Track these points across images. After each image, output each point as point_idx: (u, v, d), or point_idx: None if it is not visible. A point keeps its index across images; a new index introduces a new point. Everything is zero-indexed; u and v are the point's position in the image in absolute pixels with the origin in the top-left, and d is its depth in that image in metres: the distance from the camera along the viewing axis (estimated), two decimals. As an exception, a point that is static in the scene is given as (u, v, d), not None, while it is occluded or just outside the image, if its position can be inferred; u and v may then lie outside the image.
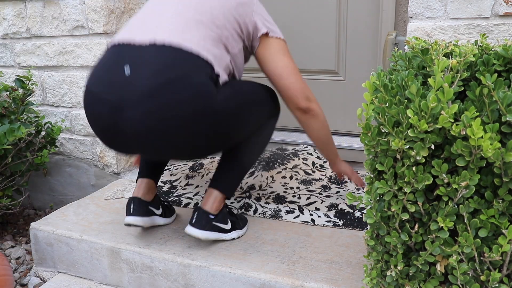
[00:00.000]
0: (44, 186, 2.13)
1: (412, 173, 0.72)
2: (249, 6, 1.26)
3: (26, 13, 1.93)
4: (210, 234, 1.26)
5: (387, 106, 0.73)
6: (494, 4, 1.27)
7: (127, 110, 1.07)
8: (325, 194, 1.55)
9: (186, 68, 1.09)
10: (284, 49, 1.30)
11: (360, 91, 1.88)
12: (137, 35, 1.15)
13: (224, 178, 1.30)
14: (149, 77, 1.06)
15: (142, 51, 1.11)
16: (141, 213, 1.31)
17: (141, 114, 1.06)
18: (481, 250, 0.71)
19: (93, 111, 1.13)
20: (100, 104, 1.11)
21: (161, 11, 1.19)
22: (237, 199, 1.57)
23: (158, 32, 1.13)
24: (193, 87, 1.08)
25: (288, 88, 1.27)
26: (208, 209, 1.27)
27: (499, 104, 0.67)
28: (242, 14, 1.24)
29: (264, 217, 1.47)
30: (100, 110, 1.11)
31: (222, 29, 1.19)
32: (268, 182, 1.63)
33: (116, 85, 1.08)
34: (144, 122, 1.07)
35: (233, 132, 1.20)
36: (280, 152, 1.85)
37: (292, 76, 1.27)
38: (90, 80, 1.16)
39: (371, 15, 1.79)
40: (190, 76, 1.08)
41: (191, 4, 1.20)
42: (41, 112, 2.03)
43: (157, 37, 1.12)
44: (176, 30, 1.14)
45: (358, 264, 1.19)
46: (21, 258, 1.69)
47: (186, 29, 1.14)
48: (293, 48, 1.96)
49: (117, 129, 1.10)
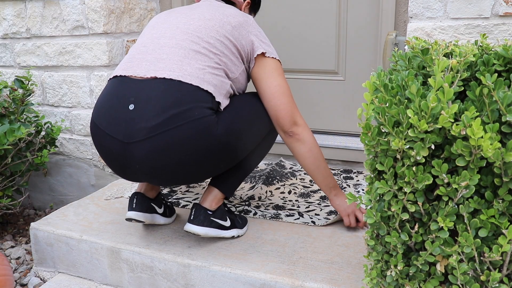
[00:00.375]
0: (44, 186, 2.13)
1: (412, 173, 0.72)
2: (244, 28, 1.27)
3: (26, 13, 1.93)
4: (209, 230, 1.26)
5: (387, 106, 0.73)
6: (494, 4, 1.27)
7: (133, 147, 1.12)
8: (324, 204, 1.56)
9: (188, 104, 1.12)
10: (279, 69, 1.30)
11: (360, 91, 1.88)
12: (139, 68, 1.18)
13: (225, 177, 1.31)
14: (152, 115, 1.10)
15: (144, 86, 1.14)
16: (143, 209, 1.32)
17: (147, 152, 1.11)
18: (481, 250, 0.71)
19: (101, 145, 1.19)
20: (107, 140, 1.16)
21: (160, 44, 1.21)
22: (236, 206, 1.57)
23: (159, 66, 1.16)
24: (195, 123, 1.11)
25: (277, 109, 1.28)
26: (207, 206, 1.27)
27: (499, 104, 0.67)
28: (238, 38, 1.25)
29: (264, 218, 1.47)
30: (108, 145, 1.16)
31: (221, 55, 1.21)
32: (267, 196, 1.65)
33: (121, 123, 1.13)
34: (150, 159, 1.12)
35: (236, 155, 1.23)
36: (279, 169, 1.88)
37: (283, 97, 1.28)
38: (95, 113, 1.20)
39: (371, 15, 1.79)
40: (192, 111, 1.12)
41: (188, 33, 1.21)
42: (41, 112, 2.03)
43: (158, 72, 1.15)
44: (176, 64, 1.16)
45: (358, 264, 1.19)
46: (21, 258, 1.69)
47: (185, 61, 1.17)
48: (293, 48, 1.96)
49: (125, 163, 1.16)
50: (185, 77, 1.14)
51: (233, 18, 1.27)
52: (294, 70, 1.98)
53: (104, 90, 1.23)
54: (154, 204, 1.38)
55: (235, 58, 1.25)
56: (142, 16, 2.00)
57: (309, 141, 1.30)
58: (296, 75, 1.98)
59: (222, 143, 1.16)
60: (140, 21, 1.99)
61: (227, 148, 1.18)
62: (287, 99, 1.28)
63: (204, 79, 1.16)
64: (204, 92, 1.15)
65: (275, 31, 1.97)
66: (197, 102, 1.13)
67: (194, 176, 1.20)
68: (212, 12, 1.27)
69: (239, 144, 1.21)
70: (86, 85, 1.90)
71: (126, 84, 1.17)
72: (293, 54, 1.96)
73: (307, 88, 1.97)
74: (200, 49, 1.19)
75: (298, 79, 1.98)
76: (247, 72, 1.33)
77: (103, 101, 1.20)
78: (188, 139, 1.11)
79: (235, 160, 1.24)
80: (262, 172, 1.85)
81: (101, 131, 1.17)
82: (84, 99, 1.92)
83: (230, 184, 1.31)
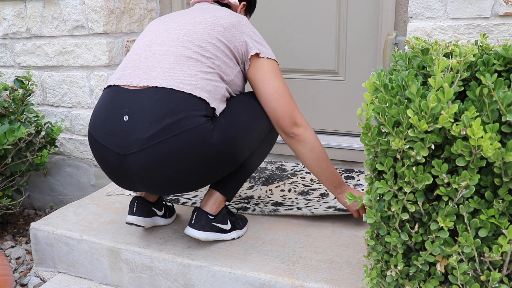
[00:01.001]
0: (44, 186, 2.13)
1: (412, 173, 0.72)
2: (237, 28, 1.25)
3: (26, 13, 1.93)
4: (209, 234, 1.26)
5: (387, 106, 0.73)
6: (494, 4, 1.27)
7: (129, 158, 1.12)
8: (323, 201, 1.56)
9: (181, 112, 1.11)
10: (275, 70, 1.27)
11: (360, 91, 1.88)
12: (131, 78, 1.17)
13: (226, 180, 1.30)
14: (146, 126, 1.10)
15: (137, 96, 1.14)
16: (143, 214, 1.32)
17: (143, 163, 1.11)
18: (481, 250, 0.71)
19: (99, 156, 1.19)
20: (103, 151, 1.16)
21: (152, 51, 1.20)
22: (235, 203, 1.57)
23: (151, 74, 1.15)
24: (189, 132, 1.10)
25: (275, 111, 1.25)
26: (208, 210, 1.27)
27: (499, 104, 0.67)
28: (231, 39, 1.23)
29: (262, 215, 1.47)
30: (104, 156, 1.17)
31: (214, 59, 1.19)
32: (267, 194, 1.65)
33: (117, 135, 1.13)
34: (146, 170, 1.12)
35: (235, 161, 1.22)
36: (279, 172, 1.88)
37: (282, 98, 1.25)
38: (91, 124, 1.20)
39: (371, 15, 1.79)
40: (185, 120, 1.10)
41: (179, 38, 1.20)
42: (41, 112, 2.03)
43: (150, 81, 1.14)
44: (168, 72, 1.15)
45: (358, 264, 1.19)
46: (21, 258, 1.69)
47: (177, 68, 1.15)
48: (293, 48, 1.96)
49: (122, 173, 1.16)
50: (177, 84, 1.13)
51: (224, 20, 1.24)
52: (294, 70, 1.98)
53: (99, 101, 1.22)
54: (155, 208, 1.38)
55: (229, 60, 1.22)
56: (142, 16, 2.00)
57: (311, 141, 1.27)
58: (296, 75, 1.98)
59: (219, 151, 1.15)
60: (140, 21, 1.99)
61: (225, 155, 1.17)
62: (285, 101, 1.26)
63: (197, 85, 1.14)
64: (198, 99, 1.13)
65: (275, 31, 1.97)
66: (190, 110, 1.11)
67: (193, 184, 1.19)
68: (203, 15, 1.25)
69: (237, 150, 1.20)
70: (86, 85, 1.90)
71: (119, 94, 1.16)
72: (293, 54, 1.96)
73: (307, 88, 1.97)
74: (192, 54, 1.17)
75: (298, 79, 1.98)
76: (243, 73, 1.30)
77: (98, 112, 1.19)
78: (183, 149, 1.10)
79: (234, 166, 1.23)
80: (262, 174, 1.85)
81: (98, 143, 1.17)
82: (84, 99, 1.92)
83: (232, 186, 1.31)
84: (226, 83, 1.22)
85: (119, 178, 1.18)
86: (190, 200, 1.61)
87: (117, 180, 1.20)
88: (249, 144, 1.24)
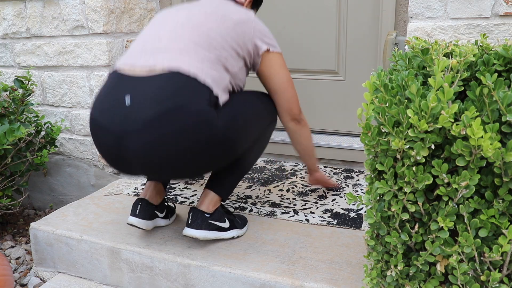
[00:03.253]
0: (44, 186, 2.13)
1: (412, 173, 0.72)
2: (247, 24, 1.27)
3: (26, 13, 1.93)
4: (208, 233, 1.26)
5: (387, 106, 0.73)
6: (494, 4, 1.27)
7: (129, 140, 1.11)
8: (320, 203, 1.56)
9: (185, 96, 1.11)
10: (283, 62, 1.36)
11: (360, 91, 1.88)
12: (137, 62, 1.18)
13: (221, 180, 1.30)
14: (148, 108, 1.10)
15: (141, 80, 1.14)
16: (146, 216, 1.32)
17: (142, 145, 1.10)
18: (481, 250, 0.71)
19: (98, 139, 1.18)
20: (104, 134, 1.16)
21: (160, 36, 1.22)
22: (233, 202, 1.57)
23: (157, 58, 1.16)
24: (192, 116, 1.10)
25: (289, 101, 1.36)
26: (204, 209, 1.27)
27: (499, 104, 0.67)
28: (240, 34, 1.25)
29: (259, 215, 1.47)
30: (104, 139, 1.16)
31: (221, 50, 1.21)
32: (265, 194, 1.65)
33: (118, 117, 1.13)
34: (145, 152, 1.11)
35: (234, 151, 1.22)
36: (279, 173, 1.88)
37: (292, 89, 1.37)
38: (94, 108, 1.20)
39: (371, 15, 1.79)
40: (188, 104, 1.10)
41: (188, 27, 1.21)
42: (41, 112, 2.03)
43: (157, 64, 1.15)
44: (174, 54, 1.16)
45: (358, 264, 1.19)
46: (21, 258, 1.69)
47: (184, 52, 1.17)
48: (293, 48, 1.96)
49: (121, 156, 1.15)
50: (183, 69, 1.14)
51: (234, 15, 1.27)
52: (294, 70, 1.98)
53: (103, 85, 1.22)
54: (157, 210, 1.38)
55: (235, 53, 1.24)
56: (142, 16, 2.00)
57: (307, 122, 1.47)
58: (296, 75, 1.98)
59: (220, 137, 1.15)
60: (140, 21, 1.99)
61: (225, 142, 1.17)
62: (294, 90, 1.37)
63: (202, 70, 1.15)
64: (201, 85, 1.14)
65: (275, 31, 1.97)
66: (195, 94, 1.12)
67: (190, 170, 1.17)
68: (213, 7, 1.28)
69: (237, 140, 1.20)
70: (86, 85, 1.90)
71: (124, 78, 1.17)
72: (293, 54, 1.96)
73: (307, 88, 1.97)
74: (200, 41, 1.19)
75: (298, 79, 1.98)
76: (247, 69, 1.33)
77: (101, 96, 1.19)
78: (183, 132, 1.10)
79: (231, 157, 1.23)
80: (261, 175, 1.85)
81: (100, 125, 1.16)
82: (84, 99, 1.92)
83: (227, 186, 1.31)
84: (230, 74, 1.24)
85: (117, 162, 1.17)
86: (188, 200, 1.61)
87: (115, 165, 1.19)
88: (248, 136, 1.25)
